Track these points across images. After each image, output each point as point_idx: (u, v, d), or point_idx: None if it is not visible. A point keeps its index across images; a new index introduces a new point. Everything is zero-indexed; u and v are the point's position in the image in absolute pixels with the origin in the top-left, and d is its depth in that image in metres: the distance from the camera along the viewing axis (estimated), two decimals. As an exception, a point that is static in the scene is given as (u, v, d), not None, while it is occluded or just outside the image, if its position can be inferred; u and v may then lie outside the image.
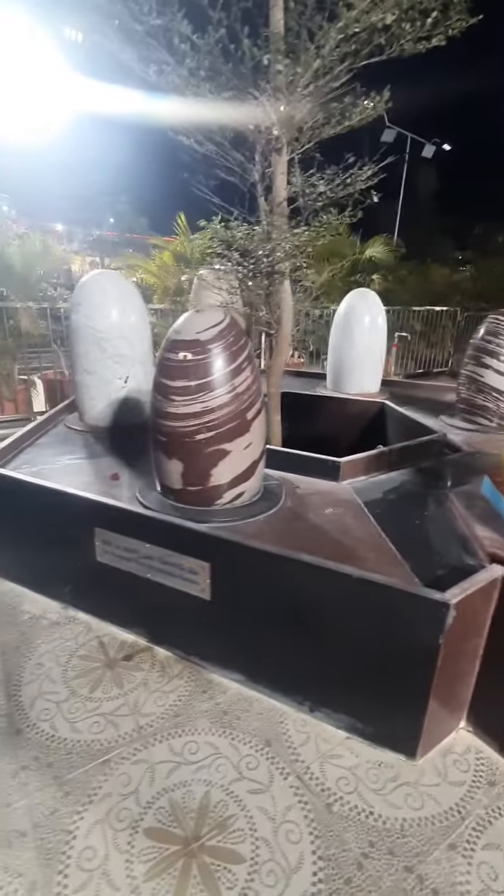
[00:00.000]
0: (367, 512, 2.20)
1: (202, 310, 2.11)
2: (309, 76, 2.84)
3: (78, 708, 1.81)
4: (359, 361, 4.76)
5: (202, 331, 1.97)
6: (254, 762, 1.62)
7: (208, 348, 1.95)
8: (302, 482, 2.56)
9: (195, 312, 2.09)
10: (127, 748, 1.65)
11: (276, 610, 1.77)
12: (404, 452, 2.95)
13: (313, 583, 1.66)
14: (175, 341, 2.00)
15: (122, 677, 1.96)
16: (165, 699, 1.85)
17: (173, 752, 1.64)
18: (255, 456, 2.13)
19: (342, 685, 1.71)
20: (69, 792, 1.50)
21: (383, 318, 4.77)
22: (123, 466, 2.72)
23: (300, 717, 1.79)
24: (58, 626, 2.24)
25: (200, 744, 1.68)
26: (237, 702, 1.85)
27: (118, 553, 2.06)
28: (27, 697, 1.85)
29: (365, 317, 4.68)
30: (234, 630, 1.89)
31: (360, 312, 4.67)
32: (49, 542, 2.34)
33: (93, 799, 1.48)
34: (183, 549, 1.87)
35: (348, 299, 4.77)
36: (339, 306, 4.82)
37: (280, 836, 1.40)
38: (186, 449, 2.00)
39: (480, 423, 3.70)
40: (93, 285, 3.16)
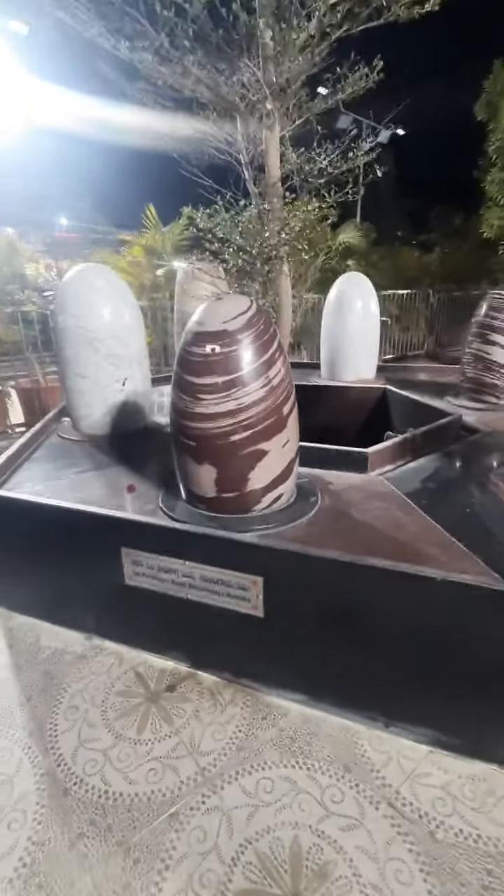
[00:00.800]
0: (413, 504, 2.06)
1: (222, 297, 1.90)
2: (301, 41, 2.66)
3: (128, 754, 1.60)
4: (353, 347, 4.63)
5: (229, 319, 1.77)
6: (338, 794, 1.46)
7: (238, 339, 1.75)
8: (330, 477, 2.40)
9: (216, 300, 1.88)
10: (193, 796, 1.46)
11: (341, 621, 1.60)
12: (426, 437, 2.83)
13: (386, 588, 1.50)
14: (199, 333, 1.79)
15: (170, 711, 1.75)
16: (223, 732, 1.67)
17: (246, 793, 1.46)
18: (292, 454, 1.95)
19: (421, 696, 1.57)
20: (139, 859, 1.30)
21: (375, 302, 4.65)
22: (134, 477, 2.49)
23: (375, 735, 1.64)
24: (85, 660, 2.01)
25: (274, 779, 1.50)
26: (303, 725, 1.69)
27: (151, 574, 1.85)
28: (67, 748, 1.62)
29: (357, 302, 4.55)
30: (292, 646, 1.72)
31: (352, 297, 4.53)
32: (67, 568, 2.10)
33: (168, 864, 1.29)
34: (230, 565, 1.68)
35: (339, 285, 4.62)
36: (330, 292, 4.67)
37: (389, 879, 1.24)
38: (220, 452, 1.80)
39: (489, 401, 3.63)
40: (80, 282, 2.89)
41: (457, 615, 1.43)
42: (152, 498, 2.20)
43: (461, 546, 1.70)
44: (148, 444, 3.06)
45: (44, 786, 1.50)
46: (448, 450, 2.82)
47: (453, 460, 2.64)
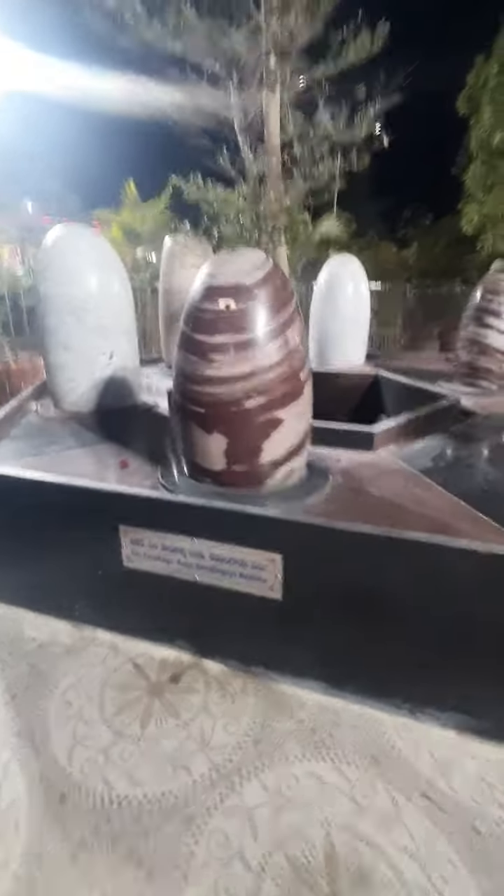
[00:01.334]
0: (430, 480, 1.96)
1: (236, 249, 1.74)
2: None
3: (131, 752, 1.43)
4: (343, 332, 4.54)
5: (245, 273, 1.61)
6: (368, 788, 1.33)
7: (255, 294, 1.59)
8: (338, 455, 2.28)
9: (230, 252, 1.72)
10: (210, 795, 1.31)
11: (365, 601, 1.48)
12: (429, 418, 2.75)
13: (420, 564, 1.39)
14: (211, 287, 1.62)
15: (176, 704, 1.59)
16: (237, 724, 1.52)
17: (269, 791, 1.32)
18: (307, 424, 1.81)
19: (449, 679, 1.47)
20: (153, 870, 1.14)
21: (366, 285, 4.57)
22: (126, 454, 2.29)
23: (400, 722, 1.53)
24: (76, 652, 1.82)
25: (298, 774, 1.37)
26: (322, 714, 1.56)
27: (153, 555, 1.68)
28: (61, 749, 1.44)
29: (348, 284, 4.45)
30: (311, 630, 1.59)
31: (344, 280, 4.43)
32: (54, 551, 1.89)
33: (187, 874, 1.13)
34: (245, 542, 1.53)
35: (329, 267, 4.51)
36: (320, 276, 4.55)
37: (434, 878, 1.13)
38: (232, 419, 1.64)
39: (482, 385, 3.61)
40: (64, 246, 2.66)
41: (494, 590, 1.33)
42: (149, 474, 2.02)
43: (490, 521, 1.61)
44: (139, 422, 2.86)
45: (37, 791, 1.32)
46: (450, 431, 2.75)
47: (459, 440, 2.57)
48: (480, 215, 8.87)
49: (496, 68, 8.13)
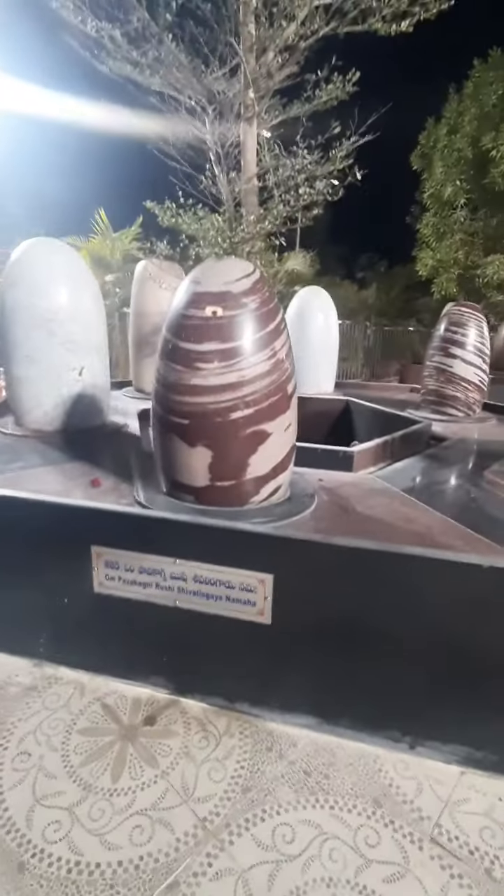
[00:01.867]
0: (414, 499, 1.93)
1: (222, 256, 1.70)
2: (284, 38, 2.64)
3: (102, 810, 1.23)
4: (314, 361, 4.61)
5: (232, 281, 1.56)
6: (372, 835, 1.20)
7: (243, 302, 1.55)
8: (318, 475, 2.22)
9: (217, 261, 1.68)
10: (196, 857, 1.13)
11: (362, 624, 1.39)
12: (404, 441, 2.77)
13: (420, 581, 1.32)
14: (197, 294, 1.56)
15: (152, 750, 1.41)
16: (222, 770, 1.35)
17: (262, 846, 1.16)
18: (292, 440, 1.75)
19: (453, 706, 1.38)
20: None
21: (335, 316, 4.70)
22: (97, 472, 2.14)
23: (399, 759, 1.41)
24: (35, 692, 1.60)
25: (294, 825, 1.22)
26: (316, 754, 1.42)
27: (130, 578, 1.53)
28: (18, 809, 1.22)
29: (318, 315, 4.56)
30: (302, 659, 1.47)
31: (314, 310, 4.54)
32: (11, 576, 1.69)
33: None
34: (233, 561, 1.42)
35: (299, 298, 4.61)
36: (290, 306, 4.65)
37: (454, 939, 1.00)
38: (218, 432, 1.56)
39: (449, 413, 3.71)
40: (35, 259, 2.56)
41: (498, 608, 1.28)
42: (123, 493, 1.88)
43: (481, 537, 1.58)
44: (109, 442, 2.72)
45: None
46: (425, 454, 2.77)
47: (436, 462, 2.59)
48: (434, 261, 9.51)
49: (445, 130, 8.98)
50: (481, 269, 8.73)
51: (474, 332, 3.58)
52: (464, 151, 8.68)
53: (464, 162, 8.77)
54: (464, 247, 9.12)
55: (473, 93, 8.55)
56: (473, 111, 8.45)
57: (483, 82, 8.44)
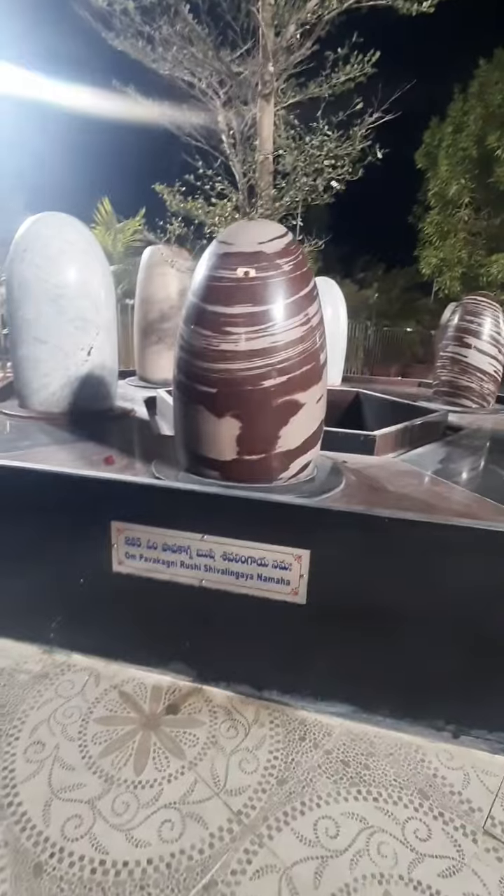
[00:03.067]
0: (445, 480, 1.84)
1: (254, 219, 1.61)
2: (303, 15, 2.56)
3: (127, 804, 1.13)
4: (322, 352, 4.52)
5: (266, 241, 1.47)
6: (422, 828, 1.11)
7: (276, 264, 1.45)
8: (341, 458, 2.13)
9: (247, 221, 1.58)
10: (233, 854, 1.03)
11: (407, 604, 1.30)
12: (423, 429, 2.69)
13: (471, 555, 1.23)
14: (227, 255, 1.47)
15: (177, 740, 1.31)
16: (254, 761, 1.25)
17: (305, 841, 1.06)
18: (323, 413, 1.66)
19: (501, 692, 1.29)
20: None
21: (344, 309, 4.63)
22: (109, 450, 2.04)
23: (443, 749, 1.32)
24: (48, 680, 1.49)
25: (336, 818, 1.12)
26: (352, 744, 1.32)
27: (152, 556, 1.43)
28: (34, 804, 1.11)
29: (328, 308, 4.47)
30: (338, 643, 1.37)
31: (325, 302, 4.42)
32: (23, 557, 1.59)
33: None
34: (267, 536, 1.32)
35: (309, 287, 4.54)
36: (299, 295, 4.56)
37: (524, 943, 0.91)
38: (248, 401, 1.46)
39: (463, 404, 3.64)
40: (46, 229, 2.45)
41: (553, 586, 1.19)
42: (140, 471, 1.78)
43: (525, 515, 1.49)
44: (118, 424, 2.62)
45: (3, 862, 0.99)
46: (445, 440, 2.70)
47: (457, 448, 2.51)
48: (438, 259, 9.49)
49: (450, 129, 8.98)
50: (485, 269, 8.72)
51: (490, 321, 3.51)
52: (469, 150, 8.68)
53: (468, 161, 8.76)
54: (467, 246, 9.11)
55: (479, 92, 8.55)
56: (479, 110, 8.45)
57: (488, 82, 8.44)
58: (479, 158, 8.60)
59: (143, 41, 2.96)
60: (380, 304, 13.32)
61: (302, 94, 2.93)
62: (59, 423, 2.46)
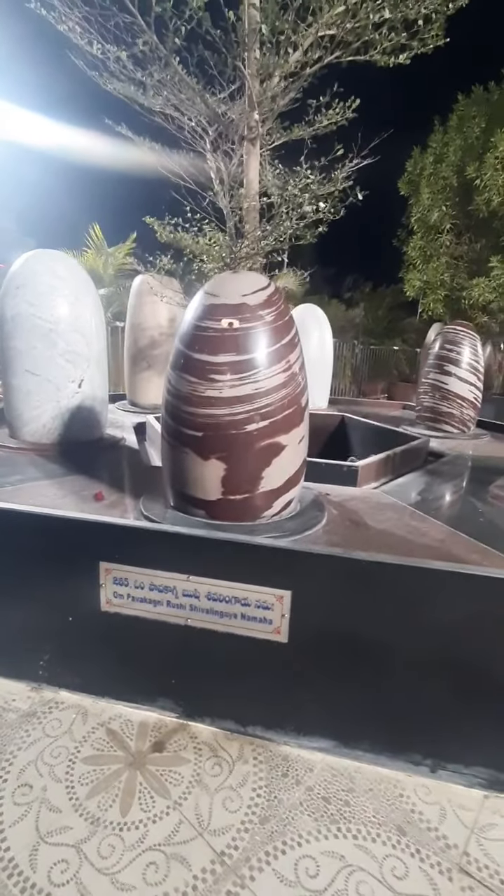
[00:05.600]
0: (423, 513, 1.92)
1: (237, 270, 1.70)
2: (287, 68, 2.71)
3: (113, 846, 1.15)
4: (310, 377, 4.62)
5: (249, 293, 1.56)
6: (399, 866, 1.15)
7: (259, 315, 1.54)
8: (324, 490, 2.20)
9: (231, 272, 1.67)
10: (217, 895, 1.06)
11: (385, 642, 1.35)
12: (405, 456, 2.78)
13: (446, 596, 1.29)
14: (213, 306, 1.55)
15: (162, 779, 1.33)
16: (238, 799, 1.29)
17: (286, 882, 1.10)
18: (304, 453, 1.73)
19: (477, 729, 1.34)
20: None
21: (330, 333, 4.76)
22: (99, 486, 2.09)
23: (421, 783, 1.37)
24: (35, 719, 1.51)
25: (317, 857, 1.15)
26: (333, 780, 1.36)
27: (139, 595, 1.47)
28: (21, 848, 1.13)
29: (314, 332, 4.61)
30: (319, 679, 1.42)
31: (310, 328, 4.58)
32: (12, 595, 1.62)
33: None
34: (249, 577, 1.37)
35: (296, 314, 4.66)
36: (286, 321, 4.69)
37: None
38: (232, 444, 1.53)
39: (444, 429, 3.75)
40: (38, 266, 2.53)
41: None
42: (128, 508, 1.83)
43: (497, 552, 1.57)
44: (108, 455, 2.66)
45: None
46: (426, 469, 2.78)
47: (437, 477, 2.60)
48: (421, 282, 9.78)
49: (431, 159, 9.35)
50: (466, 291, 8.99)
51: (469, 350, 3.65)
52: (449, 179, 9.02)
53: (449, 189, 9.10)
54: (449, 269, 9.40)
55: (458, 125, 8.94)
56: (458, 142, 8.82)
57: (466, 116, 8.83)
58: (459, 187, 8.94)
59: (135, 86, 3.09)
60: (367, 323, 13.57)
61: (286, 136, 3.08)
62: (49, 456, 2.50)
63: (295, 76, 2.77)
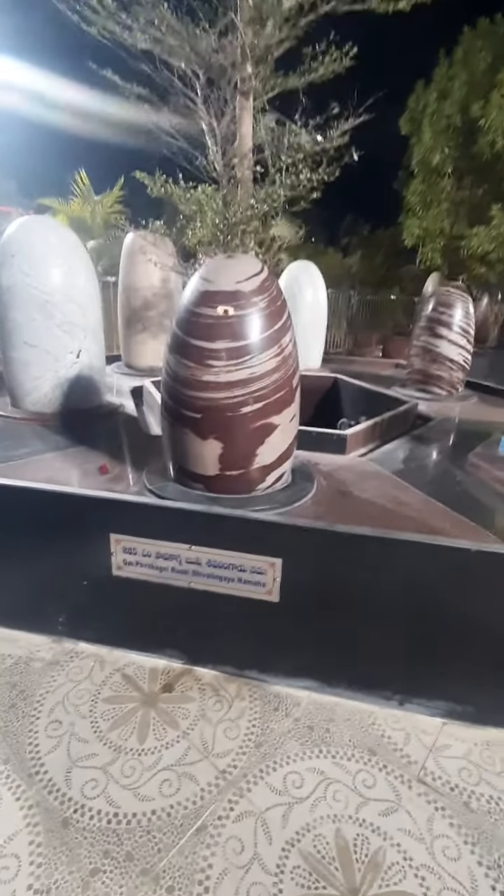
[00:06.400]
0: (406, 483, 2.08)
1: (233, 255, 1.74)
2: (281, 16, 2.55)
3: (133, 767, 1.39)
4: (303, 336, 4.62)
5: (243, 280, 1.61)
6: (369, 778, 1.40)
7: (253, 301, 1.61)
8: (315, 458, 2.35)
9: (226, 258, 1.71)
10: (219, 804, 1.31)
11: (359, 600, 1.55)
12: (393, 422, 2.91)
13: (414, 562, 1.47)
14: (208, 293, 1.61)
15: (173, 714, 1.57)
16: (236, 729, 1.53)
17: (276, 791, 1.34)
18: (295, 431, 1.86)
19: (434, 670, 1.57)
20: (172, 886, 1.12)
21: (324, 291, 4.72)
22: (102, 458, 2.21)
23: (391, 714, 1.61)
24: (59, 666, 1.73)
25: (302, 772, 1.40)
26: (317, 712, 1.60)
27: (147, 562, 1.64)
28: (57, 771, 1.37)
29: (308, 290, 4.58)
30: (305, 632, 1.63)
31: (304, 285, 4.55)
32: (33, 561, 1.79)
33: (207, 885, 1.13)
34: (245, 547, 1.54)
35: (290, 272, 4.61)
36: (281, 279, 4.64)
37: (438, 856, 1.21)
38: (228, 425, 1.64)
39: (434, 391, 3.86)
40: (31, 234, 2.51)
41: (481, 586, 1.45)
42: (132, 480, 1.97)
43: (466, 520, 1.74)
44: (108, 424, 2.77)
45: (36, 819, 1.24)
46: (412, 434, 2.92)
47: (422, 444, 2.74)
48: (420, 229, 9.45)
49: (435, 96, 8.75)
50: (466, 241, 8.75)
51: (460, 312, 3.68)
52: (453, 118, 8.51)
53: (452, 129, 8.61)
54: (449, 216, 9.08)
55: (463, 59, 8.31)
56: (463, 77, 8.24)
57: (472, 49, 8.20)
58: (462, 126, 8.46)
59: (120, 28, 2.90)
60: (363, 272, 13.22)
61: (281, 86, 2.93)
62: (51, 426, 2.60)
63: (290, 23, 2.61)
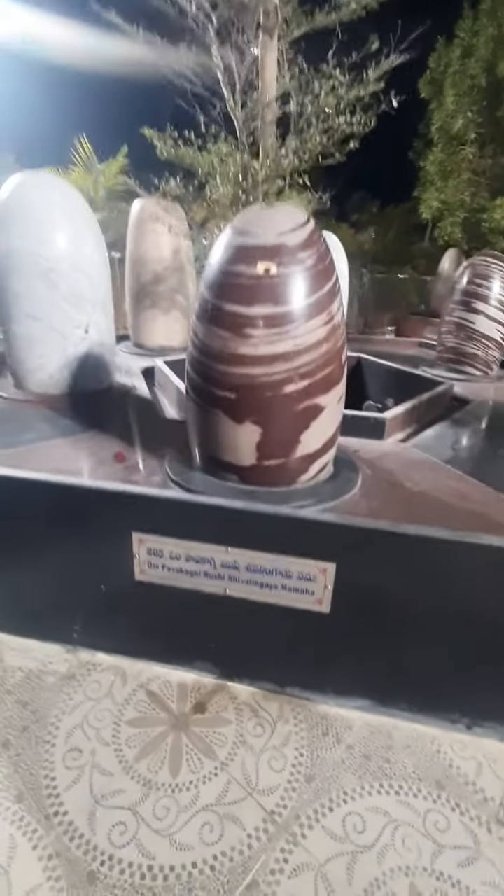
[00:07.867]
0: (460, 472, 1.84)
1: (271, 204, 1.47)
2: None
3: (167, 807, 1.19)
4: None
5: (287, 232, 1.35)
6: (441, 819, 1.20)
7: (299, 258, 1.34)
8: (352, 444, 2.10)
9: (265, 206, 1.44)
10: (271, 854, 1.11)
11: (426, 612, 1.33)
12: (430, 405, 2.66)
13: (492, 570, 1.24)
14: (245, 248, 1.35)
15: (207, 740, 1.37)
16: (282, 759, 1.32)
17: (335, 837, 1.14)
18: (342, 412, 1.61)
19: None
20: None
21: (346, 263, 4.41)
22: (117, 444, 1.98)
23: (457, 739, 1.41)
24: (74, 681, 1.53)
25: (362, 813, 1.20)
26: (372, 738, 1.40)
27: (175, 566, 1.42)
28: (79, 811, 1.17)
29: (329, 263, 4.26)
30: (358, 645, 1.42)
31: (324, 258, 4.23)
32: (44, 563, 1.57)
33: None
34: (292, 550, 1.32)
35: (309, 243, 4.29)
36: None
37: (537, 925, 1.01)
38: (268, 407, 1.40)
39: (467, 371, 3.58)
40: (31, 192, 2.23)
41: None
42: (152, 470, 1.74)
43: (544, 517, 1.50)
44: (120, 407, 2.53)
45: (58, 873, 1.05)
46: (453, 418, 2.67)
47: (466, 428, 2.49)
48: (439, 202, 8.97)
49: (458, 53, 8.17)
50: (488, 213, 8.29)
51: (499, 284, 3.38)
52: (477, 78, 7.94)
53: (477, 91, 8.04)
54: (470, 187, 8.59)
55: (491, 9, 7.70)
56: (490, 31, 7.65)
57: (501, 0, 7.59)
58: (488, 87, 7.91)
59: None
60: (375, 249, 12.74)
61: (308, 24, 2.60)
62: (59, 408, 2.37)
63: None
